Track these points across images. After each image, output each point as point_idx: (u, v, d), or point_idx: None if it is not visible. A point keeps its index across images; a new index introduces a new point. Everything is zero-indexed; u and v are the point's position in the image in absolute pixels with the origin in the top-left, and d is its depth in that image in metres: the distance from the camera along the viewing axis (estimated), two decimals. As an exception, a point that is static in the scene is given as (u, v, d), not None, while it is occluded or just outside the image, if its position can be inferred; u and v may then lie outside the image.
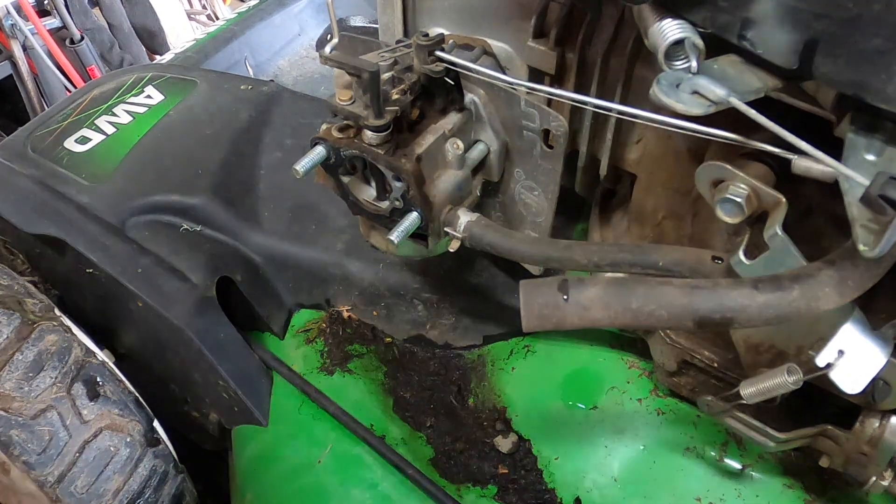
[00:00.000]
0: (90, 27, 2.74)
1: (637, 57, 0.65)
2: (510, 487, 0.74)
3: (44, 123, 1.08)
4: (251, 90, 1.14)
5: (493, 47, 0.72)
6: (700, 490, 0.67)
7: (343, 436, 0.78)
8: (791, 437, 0.54)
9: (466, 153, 0.65)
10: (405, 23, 0.77)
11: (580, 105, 0.54)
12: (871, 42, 0.36)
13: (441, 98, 0.64)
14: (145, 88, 1.13)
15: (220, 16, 3.11)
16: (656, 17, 0.44)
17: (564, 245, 0.57)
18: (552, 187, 0.68)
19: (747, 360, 0.55)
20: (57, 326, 0.84)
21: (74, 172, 0.97)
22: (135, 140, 1.03)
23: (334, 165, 0.63)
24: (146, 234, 0.91)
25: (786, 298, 0.40)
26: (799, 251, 0.44)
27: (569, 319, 0.44)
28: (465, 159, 0.65)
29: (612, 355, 0.76)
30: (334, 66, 0.57)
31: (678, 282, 0.43)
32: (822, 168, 0.41)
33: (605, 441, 0.71)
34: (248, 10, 1.65)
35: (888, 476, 0.55)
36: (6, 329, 0.80)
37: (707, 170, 0.48)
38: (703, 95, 0.42)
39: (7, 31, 2.52)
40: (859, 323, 0.45)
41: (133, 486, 0.79)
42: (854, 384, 0.44)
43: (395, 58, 0.61)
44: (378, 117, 0.57)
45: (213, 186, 0.95)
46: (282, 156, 1.02)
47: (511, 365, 0.81)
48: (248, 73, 1.53)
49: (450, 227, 0.62)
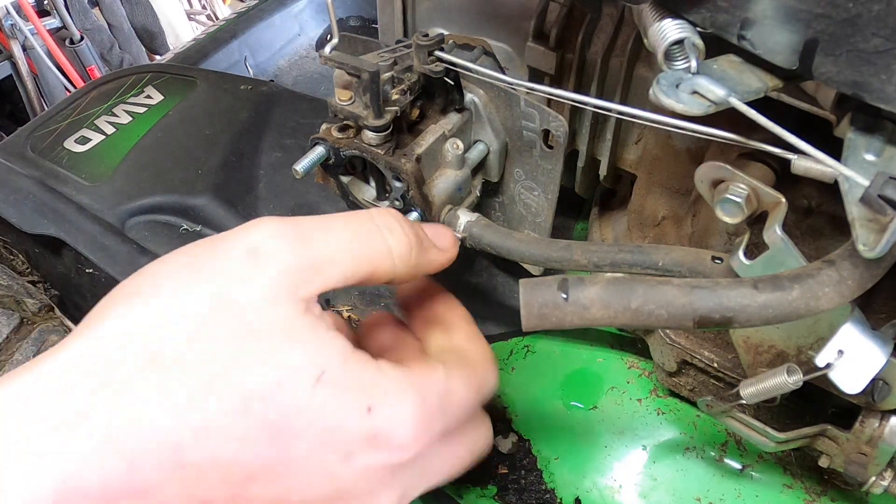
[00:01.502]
0: (90, 27, 2.74)
1: (637, 57, 0.65)
2: (510, 487, 0.74)
3: (44, 123, 1.08)
4: (251, 90, 1.14)
5: (493, 47, 0.72)
6: (700, 490, 0.67)
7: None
8: (791, 437, 0.54)
9: (466, 153, 0.65)
10: (405, 23, 0.77)
11: (580, 105, 0.54)
12: (871, 42, 0.36)
13: (441, 98, 0.64)
14: (145, 88, 1.13)
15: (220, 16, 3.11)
16: (656, 17, 0.44)
17: (564, 245, 0.57)
18: (552, 187, 0.68)
19: (747, 360, 0.55)
20: (57, 326, 0.84)
21: (74, 172, 0.98)
22: (135, 140, 1.03)
23: (334, 165, 0.63)
24: (146, 234, 0.91)
25: (786, 298, 0.40)
26: (799, 251, 0.44)
27: (568, 318, 0.44)
28: (465, 159, 0.65)
29: (612, 355, 0.76)
30: (334, 66, 0.57)
31: (678, 281, 0.43)
32: (822, 168, 0.41)
33: (605, 441, 0.71)
34: (248, 10, 1.65)
35: (888, 476, 0.55)
36: (6, 329, 0.80)
37: (707, 170, 0.48)
38: (703, 95, 0.42)
39: (7, 31, 2.53)
40: (859, 323, 0.45)
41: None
42: (854, 384, 0.44)
43: (394, 58, 0.61)
44: (378, 117, 0.57)
45: (213, 186, 0.95)
46: (282, 156, 1.02)
47: (511, 365, 0.81)
48: (248, 73, 1.53)
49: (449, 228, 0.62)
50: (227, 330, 0.38)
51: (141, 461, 0.36)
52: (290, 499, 0.40)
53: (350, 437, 0.40)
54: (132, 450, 0.36)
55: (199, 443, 0.36)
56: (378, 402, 0.40)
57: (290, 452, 0.38)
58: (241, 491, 0.39)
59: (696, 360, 0.63)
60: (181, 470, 0.37)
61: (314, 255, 0.41)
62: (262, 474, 0.38)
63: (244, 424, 0.37)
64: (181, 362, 0.37)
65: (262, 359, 0.38)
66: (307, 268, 0.40)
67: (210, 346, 0.37)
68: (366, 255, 0.43)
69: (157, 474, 0.36)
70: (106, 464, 0.35)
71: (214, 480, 0.37)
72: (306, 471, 0.39)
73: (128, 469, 0.35)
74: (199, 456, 0.37)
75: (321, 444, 0.39)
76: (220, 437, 0.37)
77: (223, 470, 0.37)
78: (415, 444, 0.42)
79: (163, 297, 0.39)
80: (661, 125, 0.47)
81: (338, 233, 0.42)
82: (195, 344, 0.37)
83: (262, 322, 0.38)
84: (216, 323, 0.38)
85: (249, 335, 0.38)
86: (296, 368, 0.38)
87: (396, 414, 0.41)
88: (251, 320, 0.38)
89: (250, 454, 0.38)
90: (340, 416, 0.39)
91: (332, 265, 0.41)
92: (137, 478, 0.36)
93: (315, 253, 0.41)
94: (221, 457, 0.37)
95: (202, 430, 0.36)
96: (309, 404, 0.38)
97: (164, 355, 0.37)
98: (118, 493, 0.36)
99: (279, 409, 0.38)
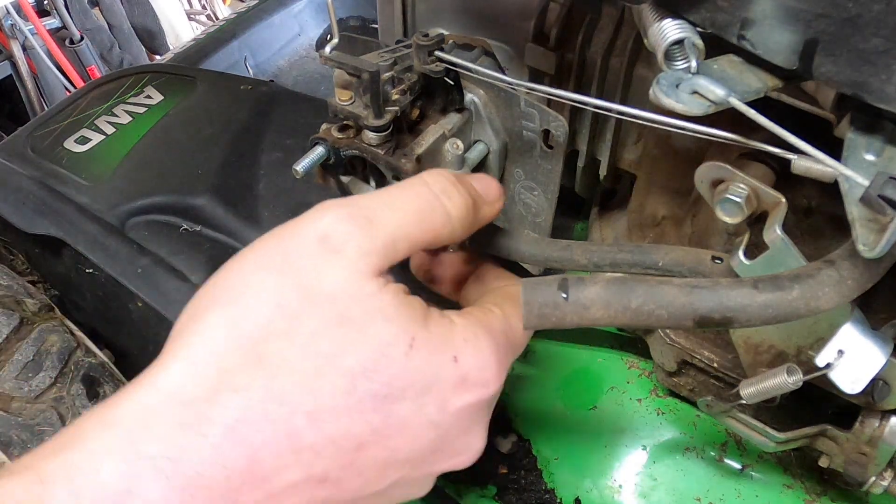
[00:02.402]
0: (90, 27, 2.74)
1: (637, 57, 0.65)
2: (510, 487, 0.74)
3: (44, 123, 1.08)
4: (251, 90, 1.14)
5: (493, 47, 0.72)
6: (700, 490, 0.67)
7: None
8: (791, 437, 0.54)
9: (466, 153, 0.65)
10: (405, 23, 0.77)
11: (580, 105, 0.54)
12: (871, 42, 0.36)
13: (441, 98, 0.64)
14: (145, 88, 1.13)
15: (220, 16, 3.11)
16: (656, 17, 0.44)
17: (564, 245, 0.57)
18: (552, 187, 0.68)
19: (747, 360, 0.55)
20: (57, 326, 0.84)
21: (74, 172, 0.97)
22: (135, 140, 1.03)
23: (334, 165, 0.63)
24: (146, 234, 0.91)
25: (786, 298, 0.40)
26: (799, 251, 0.44)
27: (568, 318, 0.44)
28: (465, 159, 0.65)
29: (612, 355, 0.76)
30: (334, 66, 0.57)
31: (678, 281, 0.43)
32: (822, 168, 0.41)
33: (605, 441, 0.71)
34: (248, 10, 1.65)
35: (888, 476, 0.55)
36: (6, 329, 0.80)
37: (707, 170, 0.48)
38: (703, 95, 0.42)
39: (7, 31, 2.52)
40: (859, 323, 0.45)
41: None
42: (854, 384, 0.44)
43: (394, 58, 0.61)
44: (378, 117, 0.57)
45: (213, 186, 0.95)
46: (282, 156, 1.02)
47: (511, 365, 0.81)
48: (248, 73, 1.54)
49: (450, 227, 0.62)
50: (319, 320, 0.40)
51: (260, 452, 0.38)
52: (398, 456, 0.43)
53: (444, 387, 0.43)
54: (251, 443, 0.38)
55: (312, 426, 0.39)
56: (461, 351, 0.44)
57: (394, 416, 0.41)
58: (354, 459, 0.41)
59: (696, 360, 0.63)
60: (298, 454, 0.39)
61: (383, 234, 0.43)
62: (372, 440, 0.41)
63: (352, 401, 0.40)
64: (285, 357, 0.40)
65: (359, 339, 0.41)
66: (380, 247, 0.43)
67: (308, 338, 0.40)
68: (428, 223, 0.46)
69: (276, 461, 0.39)
70: (228, 459, 0.38)
71: (329, 456, 0.40)
72: (410, 427, 0.42)
73: (248, 461, 0.38)
74: (313, 438, 0.40)
75: (421, 401, 0.42)
76: (331, 417, 0.40)
77: (336, 446, 0.40)
78: (497, 378, 0.46)
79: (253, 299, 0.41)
80: (661, 125, 0.47)
81: (400, 208, 0.45)
82: (295, 338, 0.40)
83: (350, 306, 0.41)
84: (308, 315, 0.40)
85: (342, 320, 0.41)
86: (390, 343, 0.41)
87: (478, 356, 0.44)
88: (339, 306, 0.41)
89: (360, 426, 0.41)
90: (434, 372, 0.42)
91: (400, 241, 0.44)
92: (258, 467, 0.39)
93: (383, 231, 0.44)
94: (334, 434, 0.40)
95: (314, 413, 0.39)
96: (406, 369, 0.41)
97: (269, 353, 0.40)
98: (241, 484, 0.38)
99: (381, 380, 0.41)
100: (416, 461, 0.44)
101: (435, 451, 0.45)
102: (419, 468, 0.45)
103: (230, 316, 0.41)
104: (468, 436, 0.46)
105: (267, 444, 0.39)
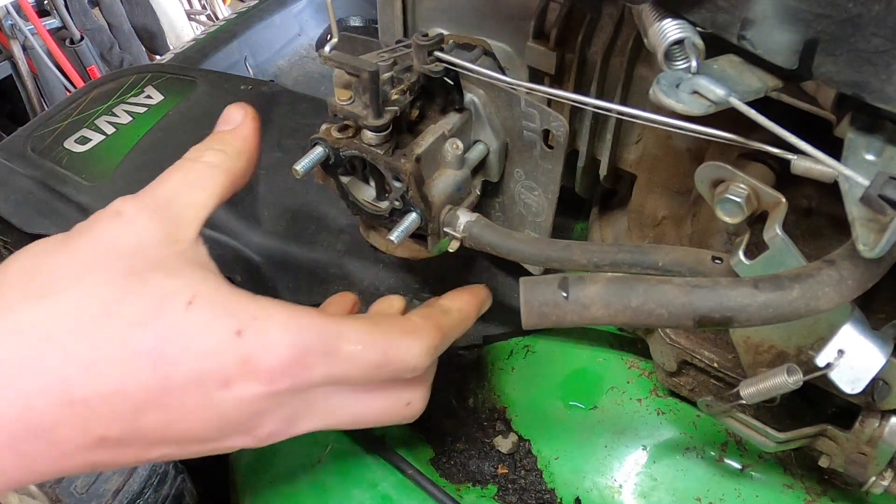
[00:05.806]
0: (90, 27, 2.74)
1: (637, 57, 0.65)
2: (510, 487, 0.74)
3: (44, 123, 1.08)
4: (251, 90, 1.14)
5: (493, 47, 0.72)
6: (700, 490, 0.67)
7: (342, 436, 0.78)
8: (791, 437, 0.54)
9: (466, 153, 0.65)
10: (405, 23, 0.77)
11: (580, 105, 0.54)
12: (871, 42, 0.37)
13: (441, 98, 0.64)
14: (145, 88, 1.13)
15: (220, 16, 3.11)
16: (656, 17, 0.44)
17: (564, 245, 0.57)
18: (552, 187, 0.68)
19: (747, 360, 0.55)
20: (57, 326, 0.84)
21: (74, 172, 0.97)
22: (135, 140, 1.03)
23: (334, 166, 0.63)
24: (146, 234, 0.91)
25: (786, 298, 0.40)
26: (799, 251, 0.44)
27: (568, 317, 0.44)
28: (465, 159, 0.65)
29: (612, 355, 0.76)
30: (334, 66, 0.57)
31: (678, 281, 0.43)
32: (822, 168, 0.41)
33: (605, 441, 0.71)
34: (248, 10, 1.65)
35: (888, 476, 0.55)
36: (6, 329, 0.80)
37: (707, 170, 0.48)
38: (703, 95, 0.42)
39: (7, 31, 2.52)
40: (859, 323, 0.45)
41: (133, 487, 0.79)
42: (854, 384, 0.44)
43: (394, 58, 0.61)
44: (377, 117, 0.57)
45: (213, 186, 0.95)
46: (282, 156, 1.02)
47: (511, 365, 0.81)
48: (248, 73, 1.53)
49: (449, 228, 0.62)
50: (107, 273, 0.41)
51: (35, 400, 0.38)
52: (177, 428, 0.42)
53: (224, 361, 0.41)
54: (26, 389, 0.38)
55: (85, 377, 0.38)
56: (246, 327, 0.41)
57: (170, 380, 0.40)
58: (133, 424, 0.40)
59: (696, 360, 0.63)
60: (72, 406, 0.38)
61: (170, 202, 0.47)
62: (149, 405, 0.40)
63: (126, 354, 0.39)
64: (66, 304, 0.39)
65: (139, 289, 0.41)
66: (169, 214, 0.46)
67: (92, 288, 0.40)
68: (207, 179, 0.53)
69: (50, 412, 0.38)
70: (3, 402, 0.37)
71: (105, 415, 0.39)
72: (189, 398, 0.41)
73: (23, 407, 0.37)
74: (87, 391, 0.38)
75: (198, 370, 0.40)
76: (104, 370, 0.39)
77: (112, 404, 0.39)
78: (287, 373, 0.42)
79: (43, 256, 0.42)
80: (661, 125, 0.47)
81: (174, 176, 0.52)
82: (78, 286, 0.40)
83: (139, 260, 0.42)
84: (98, 268, 0.41)
85: (129, 272, 0.41)
86: (168, 295, 0.41)
87: (265, 339, 0.42)
88: (130, 261, 0.42)
89: (135, 384, 0.39)
90: (211, 340, 0.41)
91: (187, 207, 0.48)
92: (34, 416, 0.38)
93: (169, 200, 0.47)
94: (108, 389, 0.39)
95: (87, 364, 0.39)
96: (182, 328, 0.40)
97: (50, 299, 0.40)
98: (19, 433, 0.38)
99: (156, 335, 0.40)
100: (199, 440, 0.43)
101: (220, 431, 0.43)
102: (205, 445, 0.44)
103: (21, 257, 0.42)
104: (256, 428, 0.44)
105: (41, 393, 0.38)
